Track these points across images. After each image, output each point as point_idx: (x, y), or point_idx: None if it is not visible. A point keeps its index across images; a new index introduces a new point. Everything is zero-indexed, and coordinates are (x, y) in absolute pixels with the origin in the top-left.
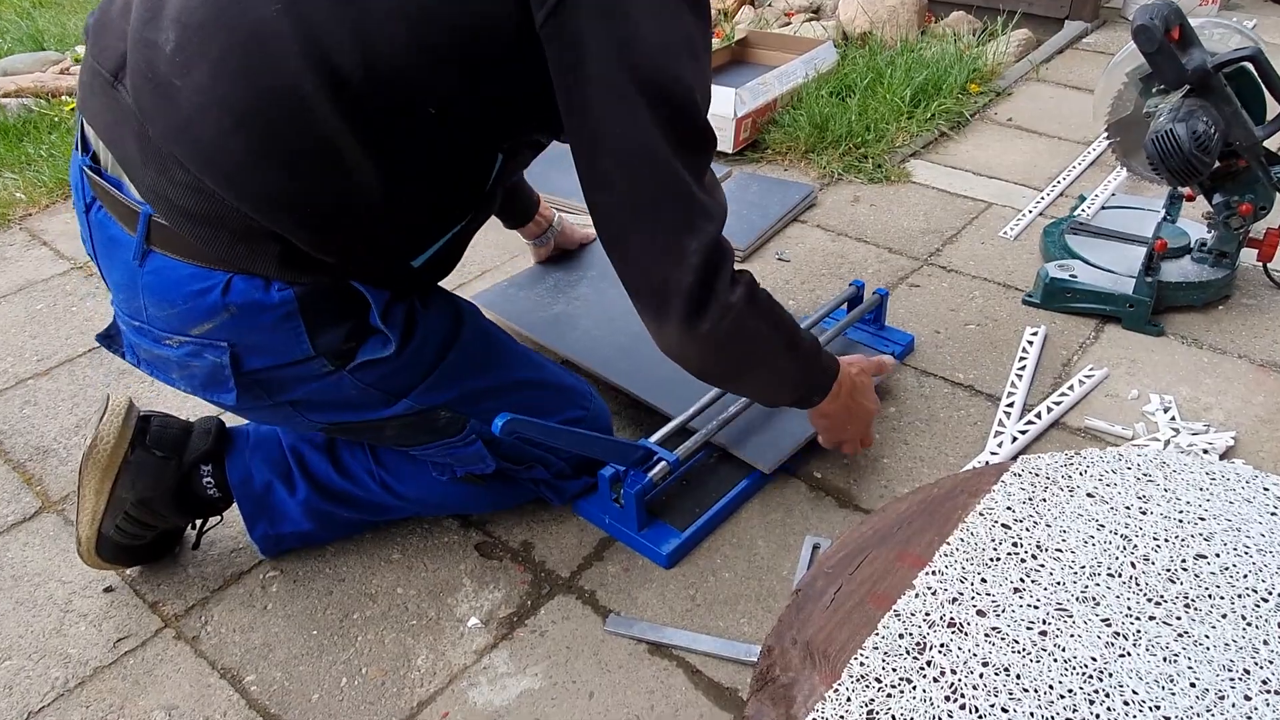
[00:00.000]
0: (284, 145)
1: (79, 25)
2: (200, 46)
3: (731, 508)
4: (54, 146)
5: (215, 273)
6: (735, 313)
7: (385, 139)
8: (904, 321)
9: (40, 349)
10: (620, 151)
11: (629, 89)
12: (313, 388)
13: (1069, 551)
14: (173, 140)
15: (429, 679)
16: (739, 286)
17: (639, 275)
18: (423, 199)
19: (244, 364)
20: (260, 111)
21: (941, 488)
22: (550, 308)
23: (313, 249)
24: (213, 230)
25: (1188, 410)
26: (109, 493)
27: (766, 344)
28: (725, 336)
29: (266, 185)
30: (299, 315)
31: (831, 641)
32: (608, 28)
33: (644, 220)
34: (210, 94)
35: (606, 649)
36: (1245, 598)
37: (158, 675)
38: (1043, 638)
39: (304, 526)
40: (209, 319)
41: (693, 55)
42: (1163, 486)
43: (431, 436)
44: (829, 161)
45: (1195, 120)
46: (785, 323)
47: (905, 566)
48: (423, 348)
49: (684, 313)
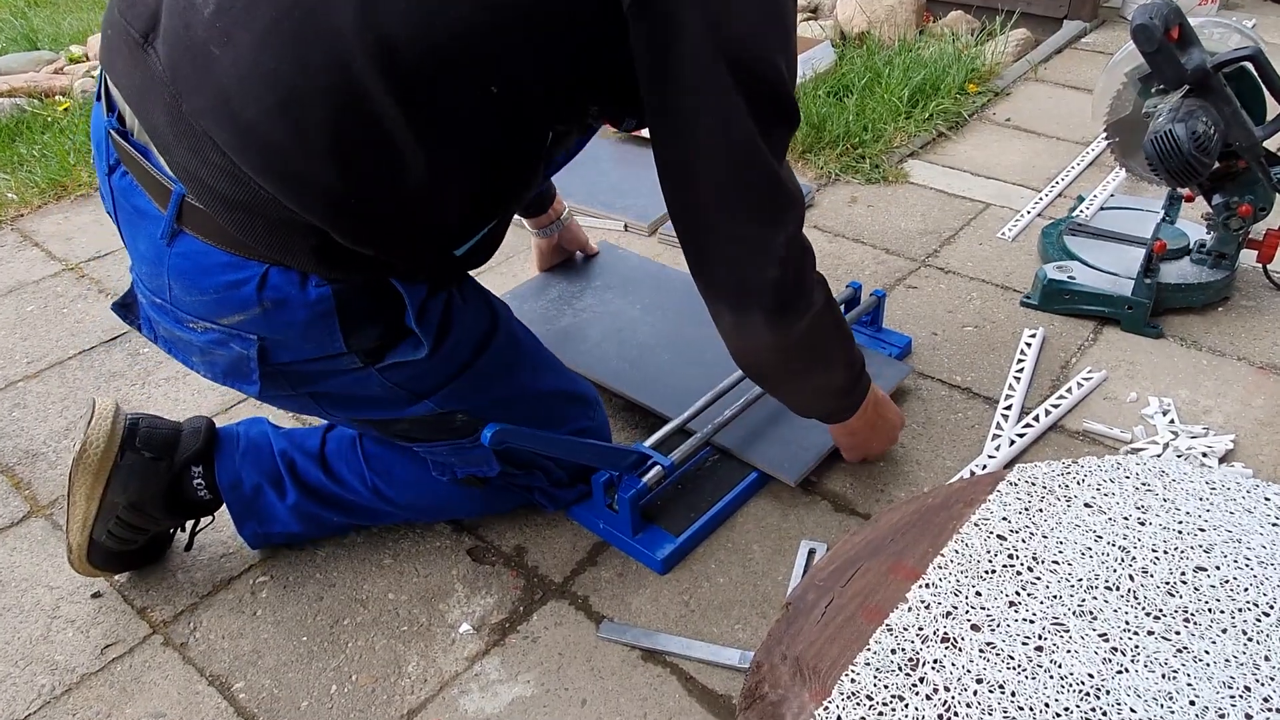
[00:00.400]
0: (331, 131)
1: (74, 25)
2: (244, 13)
3: (727, 512)
4: (46, 147)
5: (251, 263)
6: (815, 311)
7: (438, 120)
8: (901, 323)
9: (30, 351)
10: (710, 135)
11: (721, 70)
12: (338, 382)
13: (1066, 564)
14: (208, 117)
15: (419, 686)
16: (820, 286)
17: (722, 268)
18: (470, 185)
19: (271, 357)
20: (307, 91)
21: (936, 497)
22: (557, 320)
23: (352, 242)
24: (249, 216)
25: (1187, 413)
26: (100, 498)
27: (834, 351)
28: (801, 336)
29: (309, 174)
30: (335, 314)
31: (822, 657)
32: (701, 4)
33: (731, 209)
34: (252, 68)
35: (599, 655)
36: (1246, 611)
37: (145, 682)
38: (1038, 653)
39: (293, 528)
40: (241, 311)
41: (784, 31)
42: (1162, 496)
43: (445, 435)
44: (826, 162)
45: (1195, 121)
46: (848, 333)
47: (898, 579)
48: (456, 349)
49: (770, 309)
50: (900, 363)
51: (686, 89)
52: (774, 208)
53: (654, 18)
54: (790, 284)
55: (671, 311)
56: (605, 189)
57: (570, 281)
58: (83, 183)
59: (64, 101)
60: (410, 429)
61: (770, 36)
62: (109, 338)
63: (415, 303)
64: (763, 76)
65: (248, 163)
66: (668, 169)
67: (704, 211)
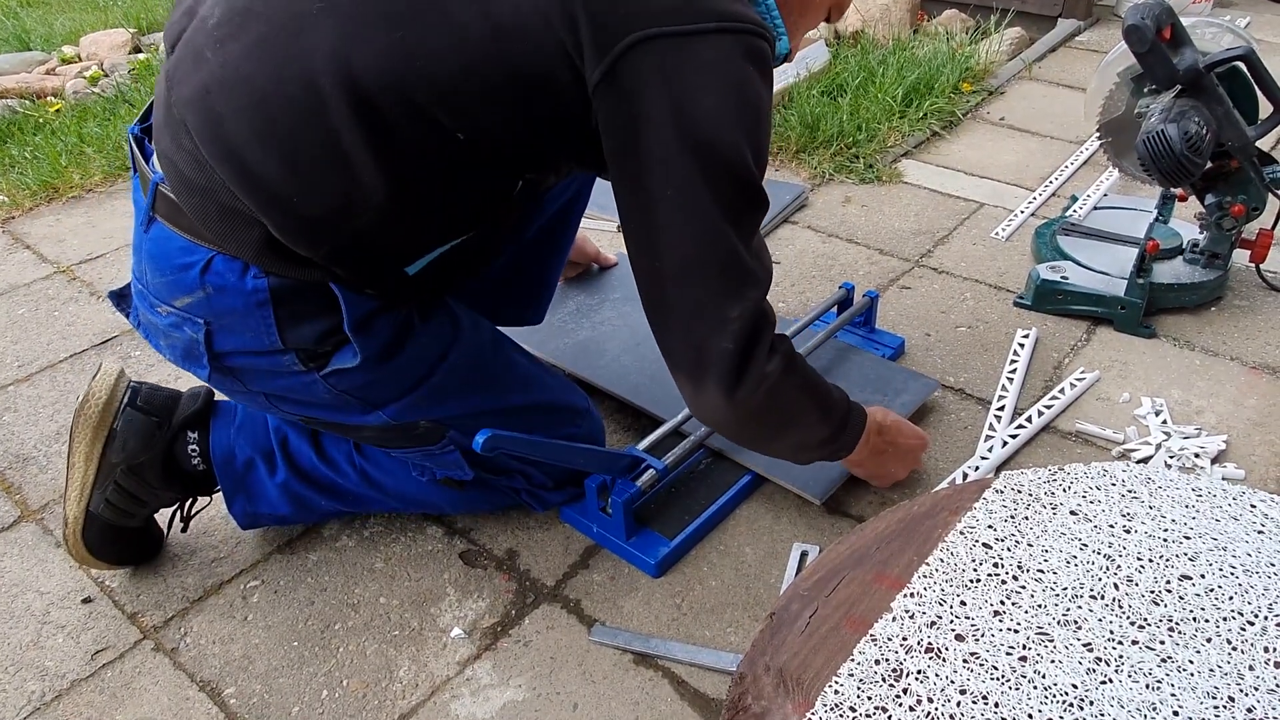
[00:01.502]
0: (289, 136)
1: (66, 25)
2: (240, 26)
3: (720, 515)
4: (38, 149)
5: (201, 249)
6: (771, 382)
7: (399, 150)
8: (894, 324)
9: (21, 355)
10: (671, 217)
11: (685, 156)
12: (286, 384)
13: (1051, 572)
14: (187, 107)
15: (411, 691)
16: (776, 355)
17: (678, 339)
18: (428, 210)
19: (217, 344)
20: (273, 95)
21: (922, 505)
22: (575, 334)
23: (289, 239)
24: (204, 201)
25: (1179, 413)
26: (99, 458)
27: (800, 412)
28: (760, 405)
29: (262, 170)
30: (270, 306)
31: (806, 668)
32: (664, 92)
33: (689, 285)
34: (234, 71)
35: (591, 659)
36: (1231, 620)
37: (135, 688)
38: (1022, 664)
39: (281, 510)
40: (188, 294)
41: (753, 119)
42: (1148, 503)
43: (409, 443)
44: (820, 162)
45: (1187, 121)
46: (820, 389)
47: (883, 588)
48: (409, 365)
49: (721, 380)
50: (925, 378)
51: (650, 171)
52: (735, 285)
53: (618, 98)
54: (742, 359)
55: None
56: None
57: (588, 294)
58: (74, 184)
59: (56, 103)
60: (375, 436)
61: (736, 125)
62: (100, 340)
63: (357, 312)
64: (727, 163)
65: (209, 149)
66: (632, 238)
67: (664, 283)
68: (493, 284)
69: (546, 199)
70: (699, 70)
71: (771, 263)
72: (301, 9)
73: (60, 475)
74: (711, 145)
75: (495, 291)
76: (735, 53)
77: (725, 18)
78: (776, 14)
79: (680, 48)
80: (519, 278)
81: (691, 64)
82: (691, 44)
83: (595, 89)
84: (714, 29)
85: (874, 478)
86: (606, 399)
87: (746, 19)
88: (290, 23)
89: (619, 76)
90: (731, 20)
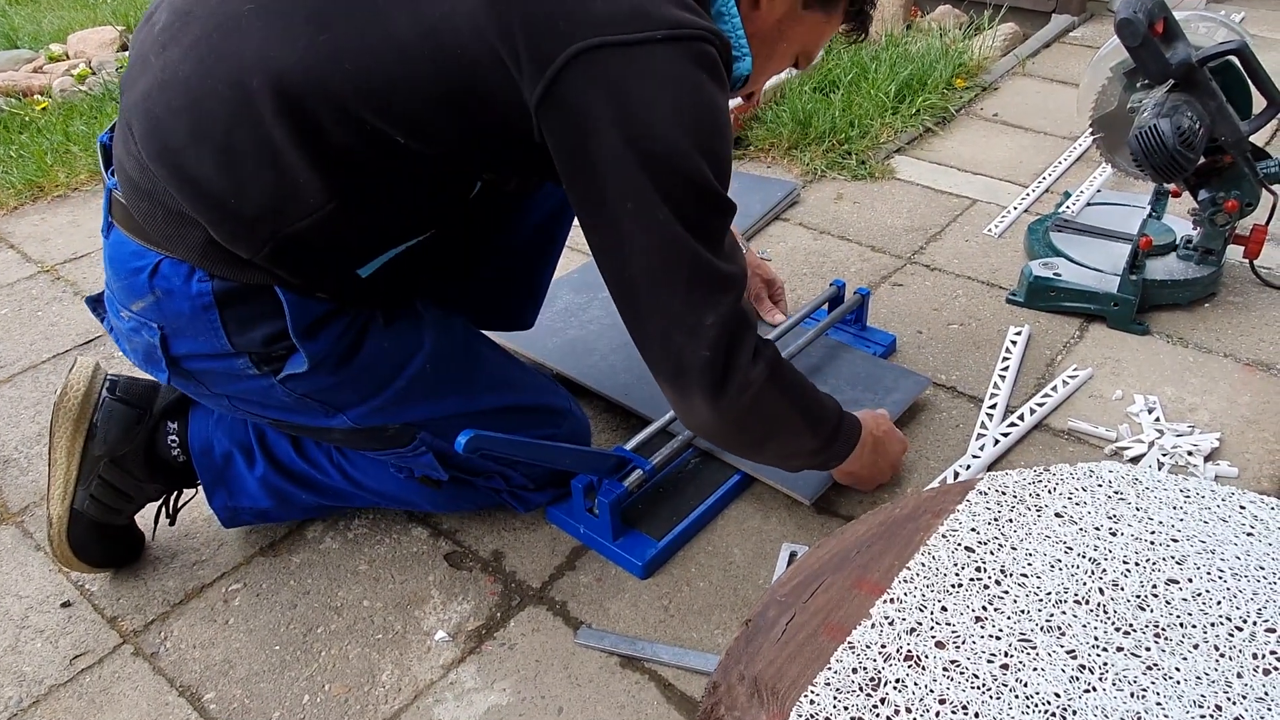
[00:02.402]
0: (222, 137)
1: (55, 23)
2: (180, 30)
3: (709, 515)
4: (24, 147)
5: (149, 252)
6: (756, 389)
7: (333, 152)
8: (886, 321)
9: (3, 355)
10: (632, 231)
11: (637, 171)
12: (244, 387)
13: (1034, 577)
14: (132, 112)
15: (393, 695)
16: (761, 361)
17: (657, 350)
18: (373, 211)
19: (172, 347)
20: (207, 96)
21: (904, 508)
22: (564, 333)
23: (227, 241)
24: (151, 205)
25: (1173, 411)
26: (81, 452)
27: (790, 420)
28: (745, 411)
29: (197, 171)
30: (215, 309)
31: (781, 677)
32: (611, 106)
33: (660, 297)
34: (173, 74)
35: (577, 662)
36: (1218, 626)
37: (114, 694)
38: (1004, 671)
39: (261, 504)
40: (141, 298)
41: (707, 124)
42: (1135, 505)
43: (378, 445)
44: (812, 158)
45: (1180, 116)
46: (808, 396)
47: (863, 594)
48: (369, 369)
49: (704, 388)
50: (916, 375)
51: (605, 187)
52: (705, 292)
53: (563, 115)
54: (722, 365)
55: None
56: None
57: (576, 293)
58: (60, 183)
59: (42, 101)
60: (343, 439)
61: (689, 134)
62: (83, 340)
63: (303, 315)
64: (684, 175)
65: (149, 151)
66: (598, 250)
67: (636, 295)
68: (480, 289)
69: (532, 202)
70: (646, 80)
71: (745, 261)
72: (235, 9)
73: (41, 478)
74: (665, 158)
75: (483, 297)
76: (685, 60)
77: (673, 25)
78: (740, 31)
79: (626, 58)
80: (507, 284)
81: (638, 75)
82: (638, 53)
83: (537, 107)
84: (662, 38)
85: (859, 483)
86: (595, 398)
87: (696, 25)
88: (224, 23)
89: (561, 92)
90: (679, 27)
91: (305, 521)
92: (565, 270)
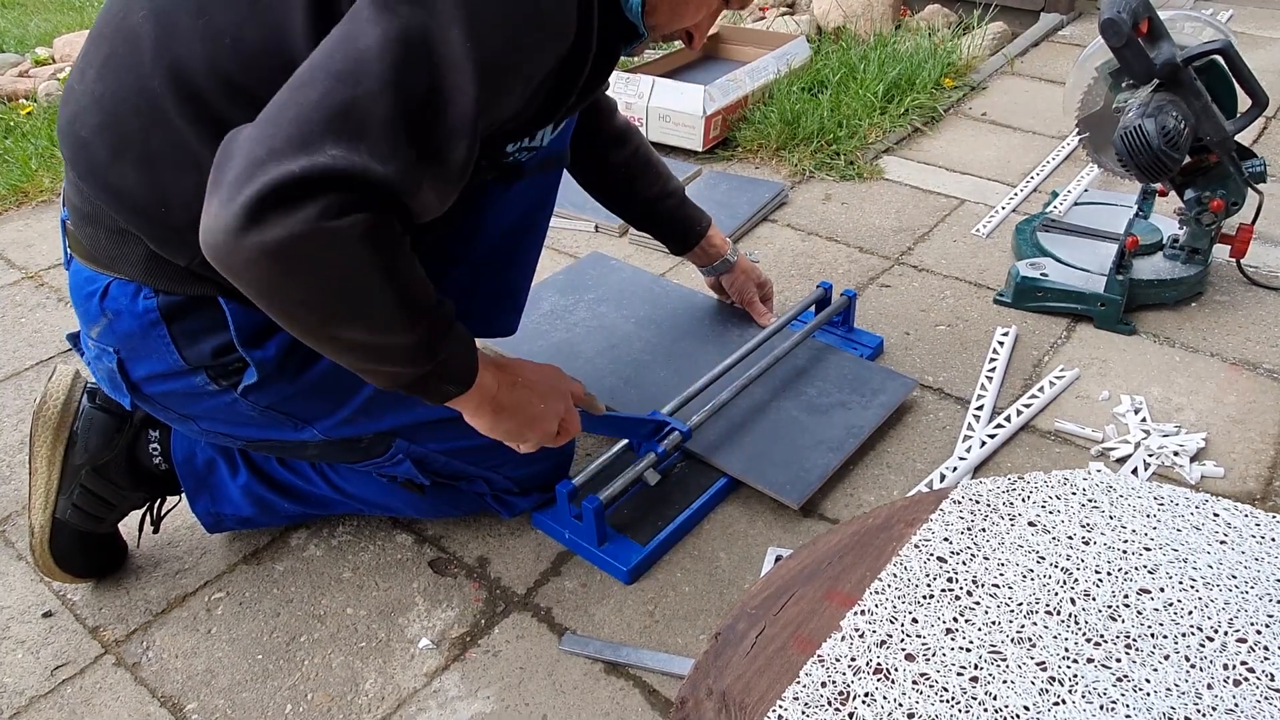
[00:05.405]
0: (139, 143)
1: (40, 26)
2: (94, 52)
3: (694, 520)
4: (8, 152)
5: (100, 276)
6: (330, 234)
7: None
8: (874, 323)
9: None
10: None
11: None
12: (208, 405)
13: (1006, 587)
14: (63, 140)
15: (377, 704)
16: (365, 215)
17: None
18: None
19: (130, 371)
20: (120, 107)
21: (877, 517)
22: (549, 335)
23: (166, 251)
24: (93, 229)
25: (1159, 411)
26: (62, 461)
27: (365, 280)
28: (301, 244)
29: (123, 182)
30: (163, 324)
31: (749, 691)
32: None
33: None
34: (89, 95)
35: (561, 669)
36: (1189, 637)
37: (96, 704)
38: (974, 684)
39: (244, 511)
40: (96, 323)
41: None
42: (1108, 513)
43: (355, 457)
44: (800, 159)
45: (1164, 115)
46: (415, 281)
47: (834, 606)
48: (331, 377)
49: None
50: (902, 377)
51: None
52: (360, 128)
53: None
54: (302, 193)
55: (666, 325)
56: (575, 189)
57: (562, 294)
58: (44, 189)
59: (27, 105)
60: (318, 453)
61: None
62: (67, 348)
63: (246, 323)
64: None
65: (80, 174)
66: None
67: (306, 68)
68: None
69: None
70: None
71: (463, 160)
72: (132, 22)
73: (23, 486)
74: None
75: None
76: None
77: None
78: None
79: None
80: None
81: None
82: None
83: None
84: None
85: (516, 434)
86: None
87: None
88: (126, 37)
89: None
90: None
91: (289, 528)
92: (550, 273)
